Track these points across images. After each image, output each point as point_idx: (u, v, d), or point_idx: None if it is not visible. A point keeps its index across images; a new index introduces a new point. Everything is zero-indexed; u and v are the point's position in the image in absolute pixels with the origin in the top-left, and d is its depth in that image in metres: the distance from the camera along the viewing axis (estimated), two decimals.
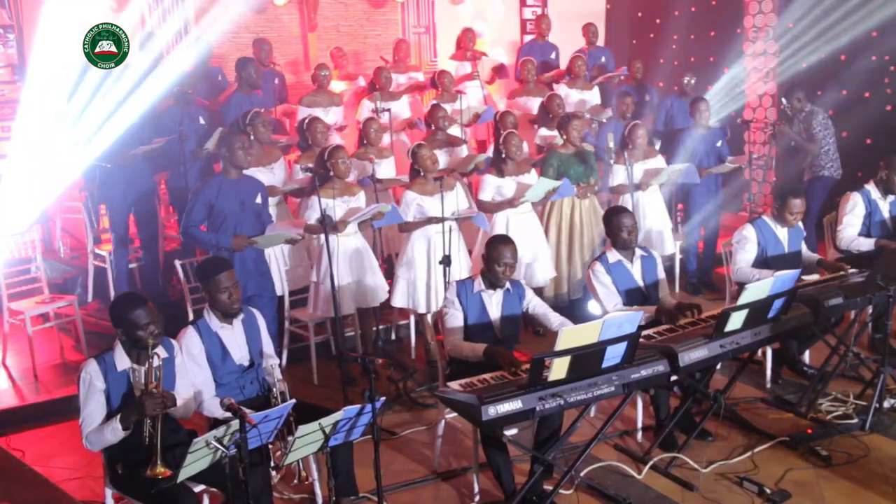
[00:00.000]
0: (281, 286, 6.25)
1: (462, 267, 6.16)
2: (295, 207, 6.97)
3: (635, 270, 5.17)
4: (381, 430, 5.31)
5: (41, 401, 5.83)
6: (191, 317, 5.76)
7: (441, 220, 5.92)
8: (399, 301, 6.28)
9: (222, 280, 4.29)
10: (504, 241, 4.70)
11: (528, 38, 10.83)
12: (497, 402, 3.82)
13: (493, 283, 4.67)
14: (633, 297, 5.13)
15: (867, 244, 6.13)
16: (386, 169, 7.08)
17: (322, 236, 5.64)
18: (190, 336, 4.21)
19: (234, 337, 4.33)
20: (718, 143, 7.67)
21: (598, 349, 3.94)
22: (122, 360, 3.83)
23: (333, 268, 5.85)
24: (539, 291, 6.79)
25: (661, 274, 5.27)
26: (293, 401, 3.66)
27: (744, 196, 9.20)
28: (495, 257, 4.61)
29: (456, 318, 4.62)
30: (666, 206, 7.40)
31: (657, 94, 9.04)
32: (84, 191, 6.95)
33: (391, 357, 6.54)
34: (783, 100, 7.96)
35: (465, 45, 9.12)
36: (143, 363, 3.81)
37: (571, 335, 3.87)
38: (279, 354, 6.36)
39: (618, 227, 5.11)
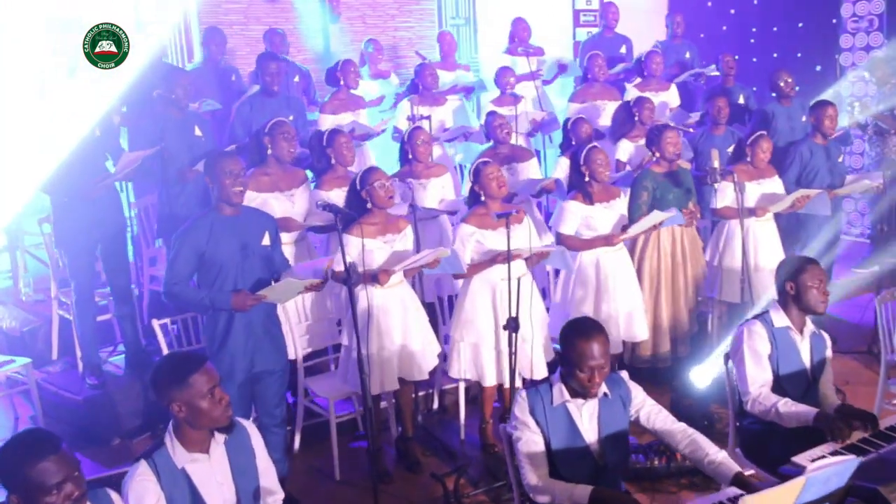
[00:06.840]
0: (294, 350, 4.78)
1: (535, 326, 4.63)
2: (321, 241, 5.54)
3: (804, 348, 3.67)
4: None
5: None
6: None
7: (508, 257, 4.33)
8: (456, 371, 4.75)
9: (200, 382, 2.77)
10: (585, 331, 3.09)
11: (580, 31, 9.40)
12: None
13: (579, 392, 3.17)
14: (796, 383, 3.63)
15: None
16: (434, 193, 5.53)
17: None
18: (140, 480, 2.68)
19: (211, 474, 2.80)
20: (840, 158, 6.14)
21: None
22: None
23: (370, 330, 4.39)
24: (635, 348, 5.31)
25: (829, 358, 3.76)
26: None
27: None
28: (576, 359, 3.03)
29: (534, 444, 3.08)
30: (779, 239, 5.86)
31: (754, 98, 7.49)
32: (42, 221, 5.49)
33: (437, 440, 5.06)
34: None
35: (521, 38, 7.59)
36: None
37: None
38: (292, 435, 4.93)
39: (811, 278, 3.61)
